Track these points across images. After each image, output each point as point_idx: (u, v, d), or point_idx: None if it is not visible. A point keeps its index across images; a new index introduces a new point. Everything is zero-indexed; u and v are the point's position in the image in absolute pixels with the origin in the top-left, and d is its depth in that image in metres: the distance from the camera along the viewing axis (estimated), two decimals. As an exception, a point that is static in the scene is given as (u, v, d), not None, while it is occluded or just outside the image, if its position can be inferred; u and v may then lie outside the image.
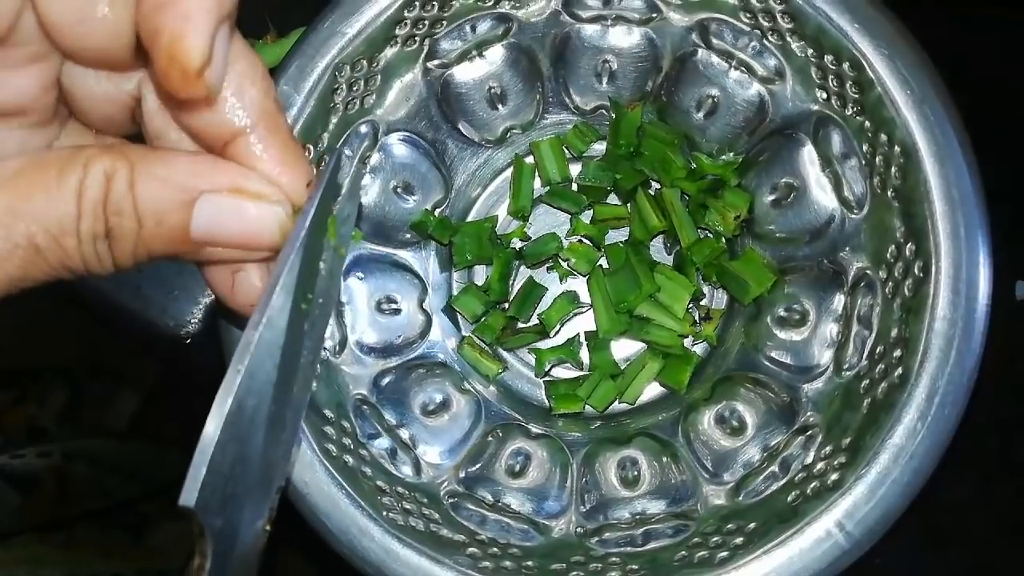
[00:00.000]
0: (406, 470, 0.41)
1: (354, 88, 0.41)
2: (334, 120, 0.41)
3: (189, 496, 0.21)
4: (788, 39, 0.40)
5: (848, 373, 0.39)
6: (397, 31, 0.41)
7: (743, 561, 0.35)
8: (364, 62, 0.41)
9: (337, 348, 0.42)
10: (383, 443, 0.41)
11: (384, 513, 0.37)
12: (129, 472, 0.53)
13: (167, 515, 0.54)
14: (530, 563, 0.37)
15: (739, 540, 0.36)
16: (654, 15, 0.42)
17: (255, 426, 0.24)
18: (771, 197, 0.43)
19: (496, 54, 0.44)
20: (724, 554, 0.36)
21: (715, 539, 0.37)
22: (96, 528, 0.52)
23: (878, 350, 0.38)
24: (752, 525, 0.37)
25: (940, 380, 0.35)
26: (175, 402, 0.55)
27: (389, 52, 0.42)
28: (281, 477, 0.26)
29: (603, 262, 0.45)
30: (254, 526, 0.25)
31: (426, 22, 0.41)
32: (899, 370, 0.36)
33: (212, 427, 0.22)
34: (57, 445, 0.53)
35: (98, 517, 0.52)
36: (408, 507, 0.39)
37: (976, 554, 0.46)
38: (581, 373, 0.45)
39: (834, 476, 0.36)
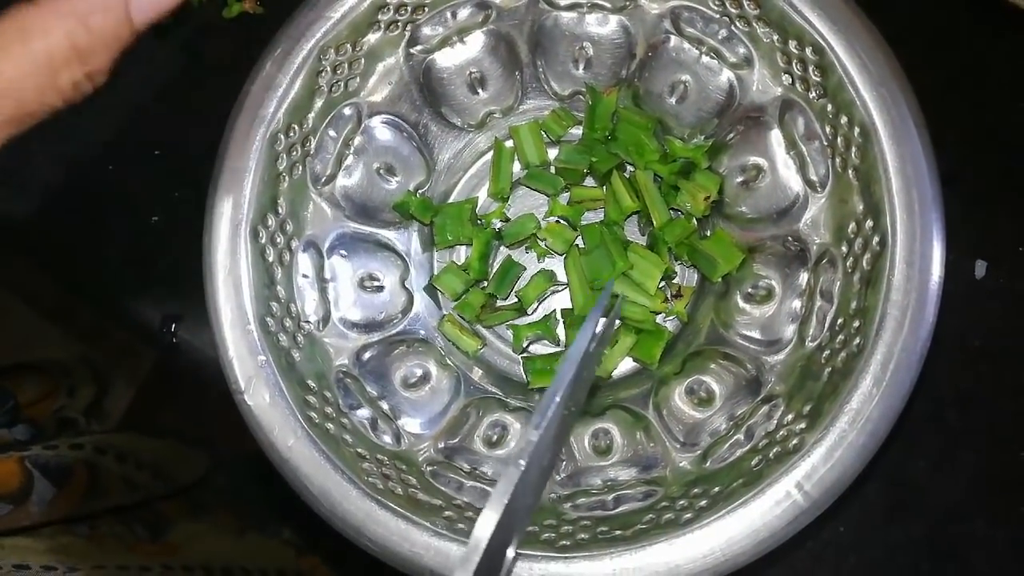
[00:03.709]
0: (387, 439, 0.42)
1: (338, 71, 0.43)
2: (319, 102, 0.43)
3: None
4: (755, 25, 0.41)
5: (811, 344, 0.40)
6: (380, 16, 0.43)
7: (707, 521, 0.36)
8: (348, 46, 0.42)
9: (320, 324, 0.43)
10: (364, 413, 0.42)
11: (364, 478, 0.39)
12: (155, 469, 0.54)
13: (186, 515, 0.55)
14: (504, 526, 0.39)
15: (704, 503, 0.38)
16: (628, 3, 0.44)
17: (519, 519, 0.25)
18: (740, 179, 0.44)
19: (476, 40, 0.46)
20: (689, 515, 0.37)
21: (682, 502, 0.38)
22: (119, 523, 0.53)
23: (839, 322, 0.39)
24: (716, 489, 0.38)
25: (895, 347, 0.36)
26: (172, 388, 0.56)
27: (372, 37, 0.43)
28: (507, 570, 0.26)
29: (579, 242, 0.47)
30: None
31: (408, 8, 0.43)
32: (857, 340, 0.37)
33: (490, 518, 0.23)
34: (88, 438, 0.54)
35: (122, 512, 0.53)
36: (387, 472, 0.40)
37: (935, 523, 0.47)
38: (557, 349, 0.47)
39: (794, 441, 0.37)
